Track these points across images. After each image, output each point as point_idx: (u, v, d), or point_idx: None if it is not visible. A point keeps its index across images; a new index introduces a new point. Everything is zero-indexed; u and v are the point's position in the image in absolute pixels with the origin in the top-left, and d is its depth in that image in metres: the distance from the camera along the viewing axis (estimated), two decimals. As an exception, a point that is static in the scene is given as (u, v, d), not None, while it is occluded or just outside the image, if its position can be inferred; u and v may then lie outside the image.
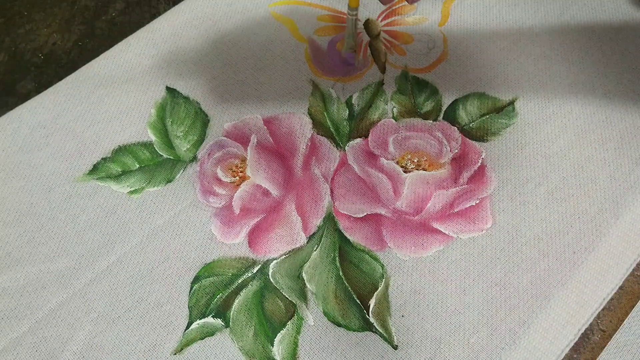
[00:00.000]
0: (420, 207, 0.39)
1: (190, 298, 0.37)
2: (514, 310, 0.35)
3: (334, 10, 0.49)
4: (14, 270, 0.38)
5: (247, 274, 0.37)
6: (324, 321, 0.36)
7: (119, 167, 0.42)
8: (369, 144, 0.42)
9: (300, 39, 0.48)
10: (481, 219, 0.38)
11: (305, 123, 0.43)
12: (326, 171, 0.41)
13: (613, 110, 0.42)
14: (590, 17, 0.47)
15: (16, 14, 0.52)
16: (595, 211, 0.38)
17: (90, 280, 0.37)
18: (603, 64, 0.45)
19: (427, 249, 0.38)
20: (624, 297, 0.36)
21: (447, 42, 0.47)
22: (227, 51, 0.47)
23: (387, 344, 0.35)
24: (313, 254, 0.38)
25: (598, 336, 0.35)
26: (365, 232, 0.38)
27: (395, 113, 0.43)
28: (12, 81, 0.48)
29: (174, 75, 0.46)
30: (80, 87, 0.45)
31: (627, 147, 0.41)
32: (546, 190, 0.39)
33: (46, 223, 0.40)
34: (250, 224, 0.39)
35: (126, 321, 0.36)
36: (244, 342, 0.35)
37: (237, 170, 0.41)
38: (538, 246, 0.37)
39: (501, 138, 0.42)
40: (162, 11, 0.51)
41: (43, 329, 0.36)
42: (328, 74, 0.46)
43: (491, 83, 0.44)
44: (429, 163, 0.41)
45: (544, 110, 0.43)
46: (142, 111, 0.44)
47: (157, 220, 0.39)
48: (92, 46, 0.50)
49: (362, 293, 0.36)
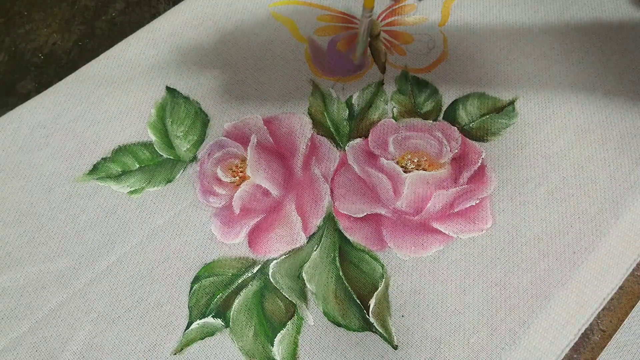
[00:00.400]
0: (420, 207, 0.39)
1: (190, 298, 0.37)
2: (514, 310, 0.35)
3: (334, 10, 0.49)
4: (14, 270, 0.38)
5: (247, 274, 0.37)
6: (324, 321, 0.36)
7: (119, 167, 0.42)
8: (369, 144, 0.42)
9: (300, 39, 0.48)
10: (481, 219, 0.38)
11: (305, 123, 0.43)
12: (326, 171, 0.41)
13: (613, 110, 0.42)
14: (590, 17, 0.47)
15: (16, 14, 0.52)
16: (595, 211, 0.38)
17: (90, 280, 0.37)
18: (603, 64, 0.45)
19: (427, 249, 0.38)
20: (624, 297, 0.36)
21: (447, 42, 0.47)
22: (227, 51, 0.47)
23: (387, 344, 0.35)
24: (313, 254, 0.38)
25: (598, 336, 0.35)
26: (365, 232, 0.38)
27: (395, 113, 0.43)
28: (12, 81, 0.48)
29: (174, 75, 0.46)
30: (80, 87, 0.45)
31: (627, 147, 0.41)
32: (546, 190, 0.39)
33: (46, 223, 0.40)
34: (250, 224, 0.39)
35: (126, 321, 0.36)
36: (244, 342, 0.35)
37: (237, 170, 0.41)
38: (538, 246, 0.37)
39: (501, 138, 0.42)
40: (162, 11, 0.51)
41: (43, 329, 0.36)
42: (328, 74, 0.46)
43: (491, 83, 0.44)
44: (429, 163, 0.41)
45: (544, 110, 0.43)
46: (142, 111, 0.44)
47: (157, 220, 0.40)
48: (92, 46, 0.50)
49: (362, 293, 0.36)
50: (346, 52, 0.47)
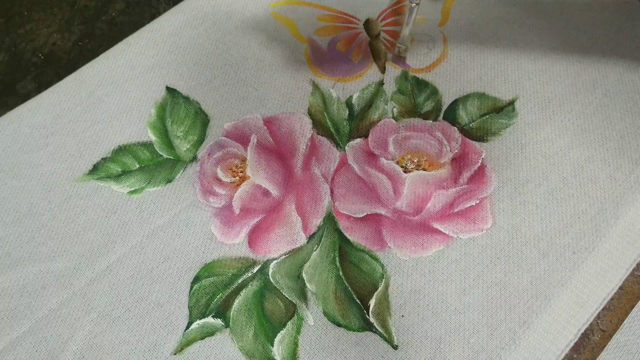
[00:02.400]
0: (420, 207, 0.39)
1: (190, 298, 0.37)
2: (514, 310, 0.35)
3: (334, 10, 0.49)
4: (14, 270, 0.38)
5: (247, 274, 0.37)
6: (324, 321, 0.36)
7: (119, 167, 0.42)
8: (369, 144, 0.42)
9: (300, 39, 0.48)
10: (481, 219, 0.38)
11: (305, 123, 0.43)
12: (326, 171, 0.41)
13: (613, 110, 0.42)
14: (590, 17, 0.47)
15: (16, 14, 0.52)
16: (595, 211, 0.38)
17: (90, 280, 0.37)
18: (603, 64, 0.45)
19: (427, 249, 0.38)
20: (624, 297, 0.36)
21: (447, 42, 0.47)
22: (227, 51, 0.47)
23: (387, 344, 0.35)
24: (313, 254, 0.38)
25: (598, 336, 0.35)
26: (365, 232, 0.38)
27: (395, 113, 0.43)
28: (12, 81, 0.48)
29: (174, 75, 0.46)
30: (80, 87, 0.45)
31: (627, 147, 0.41)
32: (546, 190, 0.39)
33: (46, 223, 0.40)
34: (250, 224, 0.39)
35: (126, 321, 0.36)
36: (244, 342, 0.35)
37: (237, 170, 0.41)
38: (538, 246, 0.37)
39: (501, 138, 0.42)
40: (162, 11, 0.51)
41: (43, 329, 0.36)
42: (328, 74, 0.46)
43: (491, 83, 0.44)
44: (429, 163, 0.41)
45: (544, 110, 0.43)
46: (142, 111, 0.44)
47: (157, 220, 0.39)
48: (92, 46, 0.50)
49: (362, 293, 0.36)
50: (346, 52, 0.47)
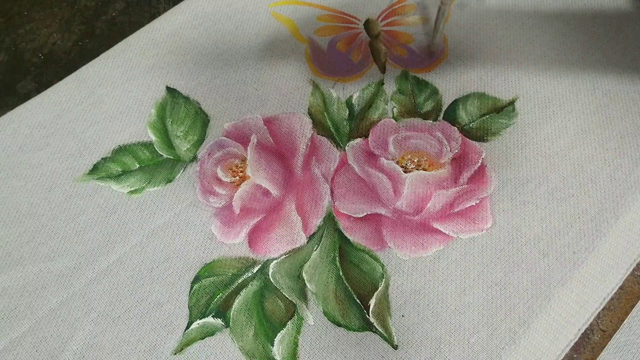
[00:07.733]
0: (420, 207, 0.39)
1: (190, 298, 0.37)
2: (514, 310, 0.35)
3: (334, 10, 0.49)
4: (14, 270, 0.38)
5: (247, 274, 0.37)
6: (324, 321, 0.36)
7: (119, 167, 0.42)
8: (369, 144, 0.42)
9: (300, 39, 0.48)
10: (481, 219, 0.38)
11: (306, 123, 0.43)
12: (326, 171, 0.41)
13: (613, 110, 0.42)
14: (590, 17, 0.47)
15: (16, 14, 0.52)
16: (595, 211, 0.38)
17: (90, 280, 0.37)
18: (603, 64, 0.45)
19: (427, 249, 0.38)
20: (624, 297, 0.36)
21: (447, 42, 0.47)
22: (227, 51, 0.47)
23: (387, 343, 0.35)
24: (313, 254, 0.38)
25: (598, 336, 0.35)
26: (365, 232, 0.38)
27: (395, 113, 0.43)
28: (12, 81, 0.48)
29: (174, 75, 0.46)
30: (80, 87, 0.45)
31: (627, 147, 0.41)
32: (546, 190, 0.39)
33: (46, 223, 0.40)
34: (250, 224, 0.39)
35: (126, 321, 0.36)
36: (244, 342, 0.35)
37: (237, 170, 0.41)
38: (538, 246, 0.37)
39: (501, 138, 0.42)
40: (162, 11, 0.51)
41: (43, 329, 0.36)
42: (328, 74, 0.46)
43: (491, 83, 0.44)
44: (429, 163, 0.41)
45: (544, 110, 0.43)
46: (142, 111, 0.44)
47: (157, 220, 0.39)
48: (92, 46, 0.50)
49: (362, 293, 0.36)
50: (346, 52, 0.47)
